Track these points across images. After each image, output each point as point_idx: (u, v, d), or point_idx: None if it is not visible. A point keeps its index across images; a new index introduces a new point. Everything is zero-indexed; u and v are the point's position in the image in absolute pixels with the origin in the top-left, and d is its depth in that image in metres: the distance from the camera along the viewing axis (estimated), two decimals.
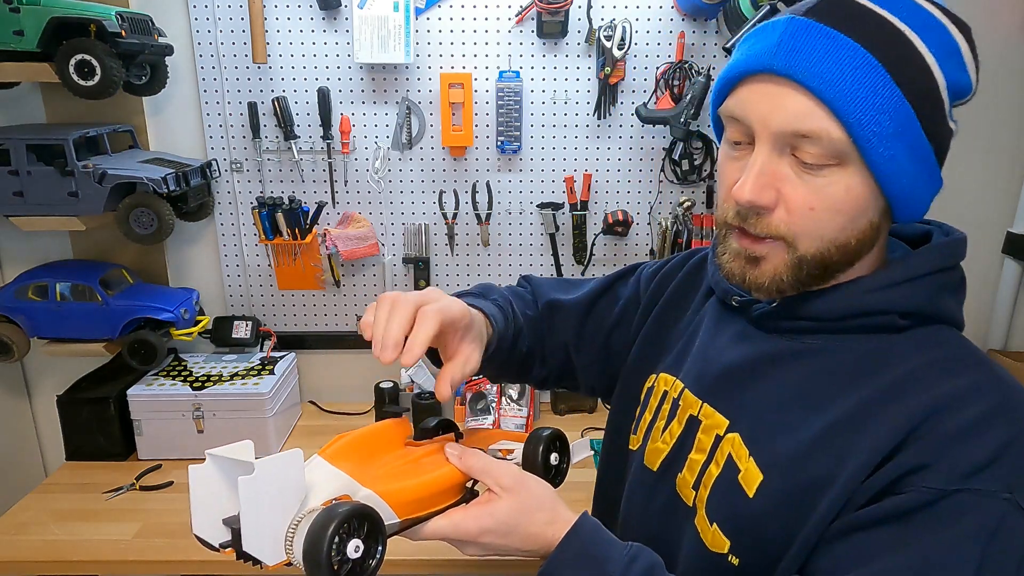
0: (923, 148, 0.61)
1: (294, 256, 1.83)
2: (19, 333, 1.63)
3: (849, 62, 0.57)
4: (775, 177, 0.61)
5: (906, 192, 0.61)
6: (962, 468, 0.55)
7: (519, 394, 1.82)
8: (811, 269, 0.63)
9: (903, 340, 0.64)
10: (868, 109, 0.57)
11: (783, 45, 0.59)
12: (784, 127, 0.59)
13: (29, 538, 1.39)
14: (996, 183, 1.82)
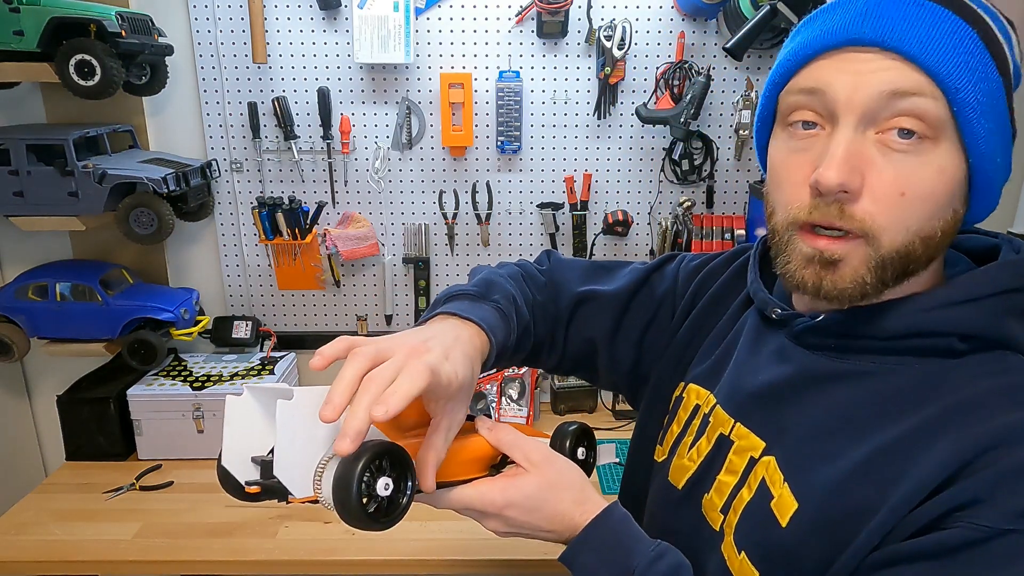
0: (1007, 128, 0.57)
1: (294, 256, 1.83)
2: (19, 333, 1.63)
3: (945, 27, 0.53)
4: (862, 159, 0.55)
5: (992, 176, 0.56)
6: (1019, 506, 0.49)
7: (519, 394, 1.82)
8: (894, 268, 0.57)
9: (961, 366, 0.57)
10: (969, 76, 0.53)
11: (870, 13, 0.54)
12: (882, 87, 0.53)
13: (29, 538, 1.39)
14: None
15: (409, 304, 1.88)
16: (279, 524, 1.43)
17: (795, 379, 0.64)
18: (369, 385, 0.54)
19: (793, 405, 0.63)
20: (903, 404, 0.58)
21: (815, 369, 0.63)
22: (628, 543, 0.63)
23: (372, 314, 1.90)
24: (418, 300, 1.87)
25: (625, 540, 0.63)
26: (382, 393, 0.54)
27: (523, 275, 0.87)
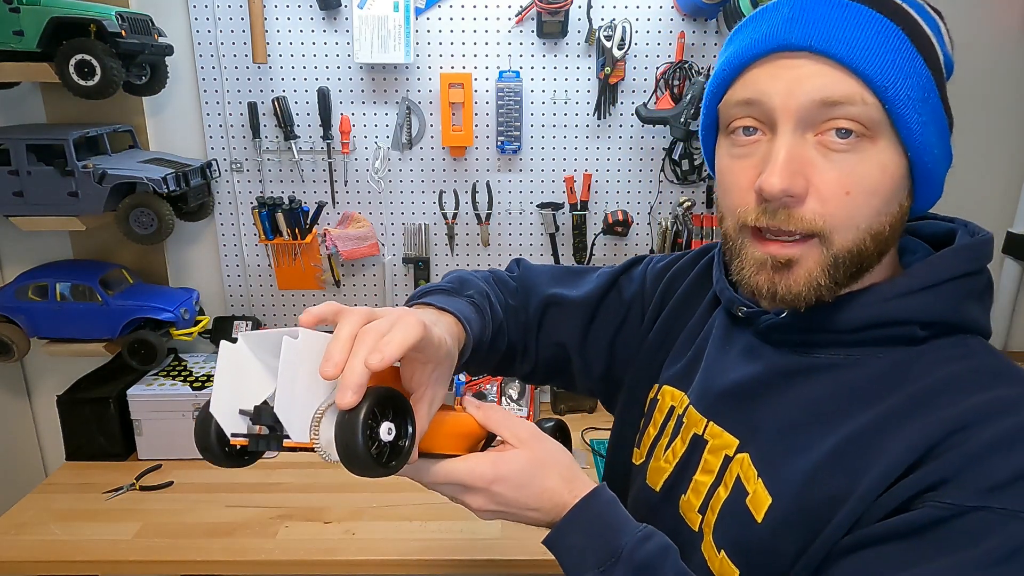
0: (943, 119, 0.58)
1: (294, 256, 1.83)
2: (19, 333, 1.63)
3: (870, 27, 0.54)
4: (804, 163, 0.56)
5: (932, 168, 0.58)
6: (983, 484, 0.50)
7: (519, 394, 1.82)
8: (848, 266, 0.58)
9: (924, 352, 0.59)
10: (898, 72, 0.54)
11: (796, 19, 0.55)
12: (812, 96, 0.54)
13: (29, 538, 1.39)
14: (996, 183, 1.83)
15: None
16: (279, 524, 1.43)
17: (764, 376, 0.65)
18: (365, 337, 0.53)
19: (763, 402, 0.64)
20: (870, 394, 0.58)
21: (782, 365, 0.64)
22: (616, 524, 0.62)
23: None
24: None
25: (612, 521, 0.62)
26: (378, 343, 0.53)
27: (494, 279, 0.88)
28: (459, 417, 0.65)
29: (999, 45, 1.73)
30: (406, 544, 1.37)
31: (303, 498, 1.51)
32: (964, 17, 1.71)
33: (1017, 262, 1.83)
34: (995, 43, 1.72)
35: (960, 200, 1.82)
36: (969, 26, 1.71)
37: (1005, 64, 1.74)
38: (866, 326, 0.59)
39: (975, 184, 1.82)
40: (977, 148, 1.80)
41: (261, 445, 0.55)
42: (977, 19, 1.71)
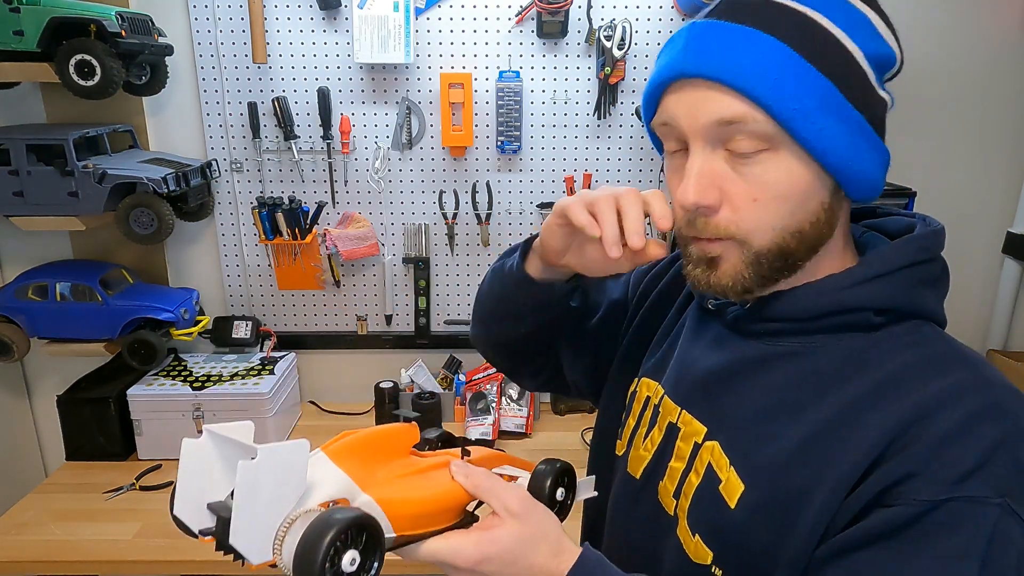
0: (853, 118, 0.60)
1: (294, 256, 1.83)
2: (19, 333, 1.63)
3: (753, 49, 0.57)
4: (715, 176, 0.60)
5: (848, 165, 0.60)
6: (950, 475, 0.52)
7: (519, 394, 1.82)
8: (772, 262, 0.61)
9: (880, 339, 0.62)
10: (782, 87, 0.57)
11: (689, 49, 0.60)
12: (709, 118, 0.59)
13: (29, 538, 1.39)
14: (996, 183, 1.83)
15: (409, 304, 1.88)
16: None
17: (731, 365, 0.68)
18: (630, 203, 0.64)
19: (730, 390, 0.67)
20: (831, 380, 0.61)
21: (748, 354, 0.67)
22: None
23: (372, 314, 1.90)
24: (418, 300, 1.87)
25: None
26: None
27: None
28: (444, 491, 0.62)
29: (999, 45, 1.73)
30: None
31: None
32: (964, 17, 1.71)
33: (1017, 262, 1.83)
34: (995, 43, 1.72)
35: (960, 200, 1.83)
36: (969, 26, 1.72)
37: (1005, 64, 1.74)
38: (823, 314, 0.63)
39: (975, 184, 1.82)
40: (977, 148, 1.80)
41: (228, 551, 0.53)
42: (977, 19, 1.71)
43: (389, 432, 0.64)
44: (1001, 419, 0.54)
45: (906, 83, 1.98)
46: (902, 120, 1.78)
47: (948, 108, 1.77)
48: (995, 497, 0.51)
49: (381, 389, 1.75)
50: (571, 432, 1.79)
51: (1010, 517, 0.51)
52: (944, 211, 1.86)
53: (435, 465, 0.64)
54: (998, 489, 0.52)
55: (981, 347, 1.90)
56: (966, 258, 1.87)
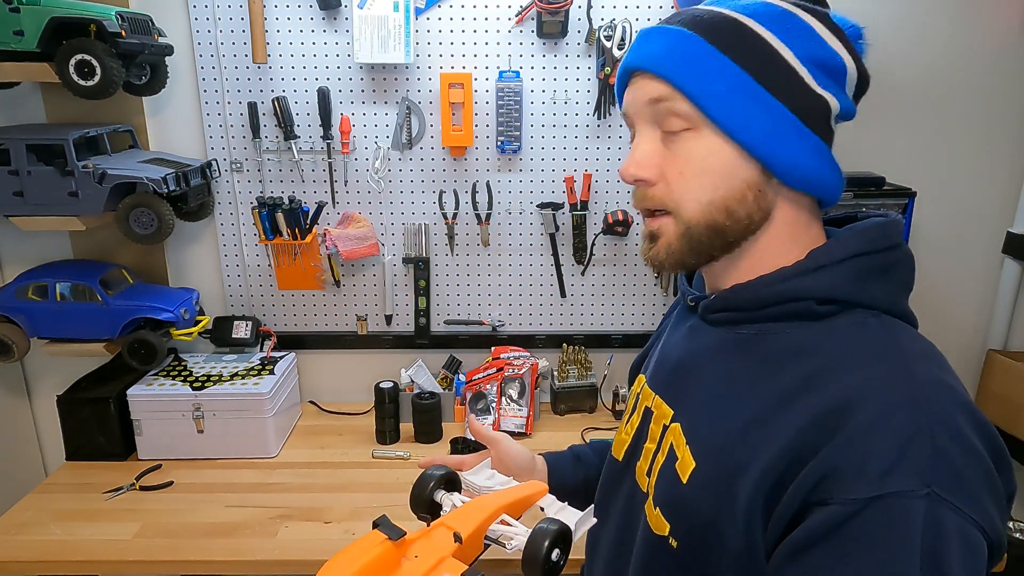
0: (773, 106, 0.65)
1: (294, 256, 1.83)
2: (19, 333, 1.63)
3: (677, 44, 0.67)
4: (653, 154, 0.69)
5: (768, 148, 0.65)
6: (874, 470, 0.55)
7: (519, 394, 1.82)
8: (703, 235, 0.68)
9: (823, 328, 0.66)
10: (694, 73, 0.65)
11: (633, 48, 0.71)
12: (643, 100, 0.69)
13: (29, 538, 1.39)
14: (996, 183, 1.83)
15: (409, 304, 1.88)
16: (279, 524, 1.43)
17: (699, 351, 0.75)
18: None
19: (694, 375, 0.74)
20: (774, 366, 0.66)
21: (714, 342, 0.73)
22: None
23: (372, 314, 1.90)
24: (418, 300, 1.87)
25: None
26: None
27: None
28: None
29: (999, 45, 1.73)
30: None
31: (303, 498, 1.51)
32: (964, 17, 1.71)
33: (1017, 262, 1.83)
34: (995, 43, 1.73)
35: (960, 200, 1.83)
36: (969, 26, 1.72)
37: (1005, 64, 1.74)
38: (769, 303, 0.68)
39: (975, 184, 1.82)
40: (977, 148, 1.80)
41: None
42: (977, 19, 1.71)
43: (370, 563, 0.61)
44: (916, 410, 0.56)
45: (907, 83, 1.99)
46: (903, 120, 1.78)
47: (948, 108, 1.77)
48: (921, 488, 0.53)
49: (381, 389, 1.75)
50: (571, 432, 1.79)
51: (939, 504, 0.53)
52: (944, 211, 1.87)
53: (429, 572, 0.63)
54: (923, 479, 0.54)
55: (981, 347, 1.90)
56: (966, 258, 1.87)
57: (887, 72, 1.73)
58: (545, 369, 1.87)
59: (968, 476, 0.55)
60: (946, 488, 0.54)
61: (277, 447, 1.70)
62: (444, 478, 0.72)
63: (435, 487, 0.72)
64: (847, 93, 0.70)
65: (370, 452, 1.70)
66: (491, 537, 0.69)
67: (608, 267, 1.86)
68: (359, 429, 1.80)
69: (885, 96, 1.75)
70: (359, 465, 1.65)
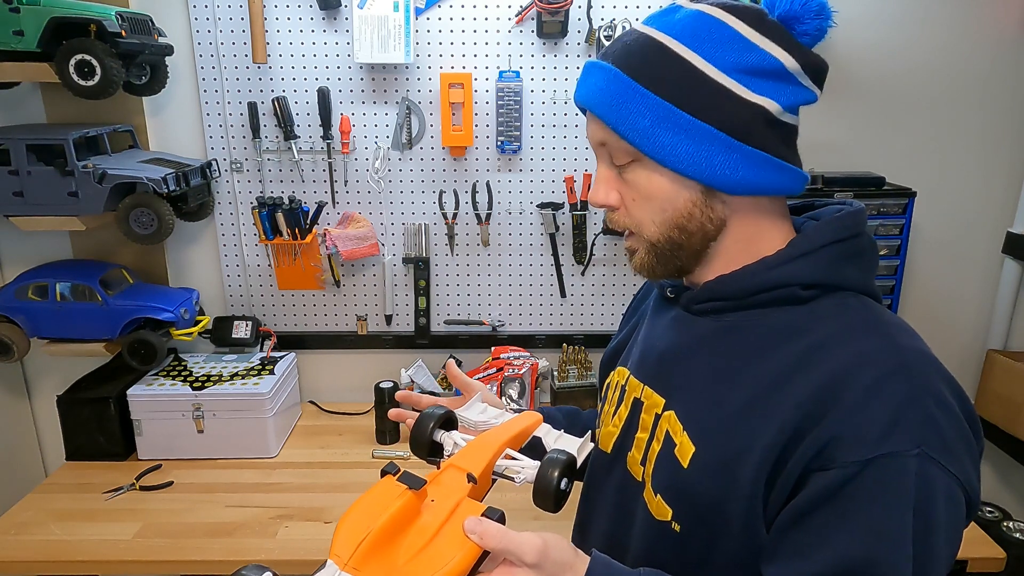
0: (699, 130, 0.68)
1: (294, 256, 1.83)
2: (19, 333, 1.63)
3: (607, 84, 0.70)
4: (611, 181, 0.74)
5: (701, 169, 0.68)
6: (871, 434, 0.60)
7: (519, 394, 1.82)
8: (665, 249, 0.73)
9: (808, 311, 0.70)
10: (623, 112, 0.69)
11: (579, 83, 0.75)
12: (593, 139, 0.74)
13: (29, 538, 1.39)
14: (996, 183, 1.83)
15: (409, 304, 1.88)
16: (279, 524, 1.43)
17: (684, 341, 0.77)
18: None
19: (684, 363, 0.76)
20: (765, 349, 0.69)
21: (700, 331, 0.76)
22: None
23: (372, 314, 1.90)
24: (418, 300, 1.87)
25: None
26: None
27: None
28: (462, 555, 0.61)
29: (999, 45, 1.73)
30: None
31: (303, 498, 1.51)
32: (964, 17, 1.71)
33: (1017, 262, 1.83)
34: (995, 43, 1.73)
35: (960, 200, 1.83)
36: (969, 26, 1.72)
37: (1005, 64, 1.74)
38: (757, 291, 0.71)
39: (975, 184, 1.82)
40: (977, 148, 1.80)
41: None
42: (977, 19, 1.71)
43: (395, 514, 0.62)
44: (907, 378, 0.62)
45: (907, 83, 1.99)
46: (903, 120, 1.78)
47: (948, 108, 1.77)
48: (913, 448, 0.59)
49: (381, 389, 1.75)
50: None
51: (929, 463, 0.59)
52: (944, 211, 1.87)
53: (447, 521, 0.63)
54: (914, 441, 0.59)
55: (981, 347, 1.90)
56: (966, 258, 1.87)
57: (887, 72, 1.73)
58: (545, 369, 1.87)
59: (951, 438, 0.61)
60: (934, 448, 0.59)
61: (277, 447, 1.70)
62: (442, 418, 0.76)
63: (434, 427, 0.75)
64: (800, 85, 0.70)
65: (370, 452, 1.70)
66: (498, 472, 0.72)
67: (608, 267, 1.86)
68: (359, 429, 1.80)
69: (885, 96, 1.75)
70: (359, 465, 1.65)
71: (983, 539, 1.42)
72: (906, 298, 1.84)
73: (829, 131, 1.76)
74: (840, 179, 1.65)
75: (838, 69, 1.75)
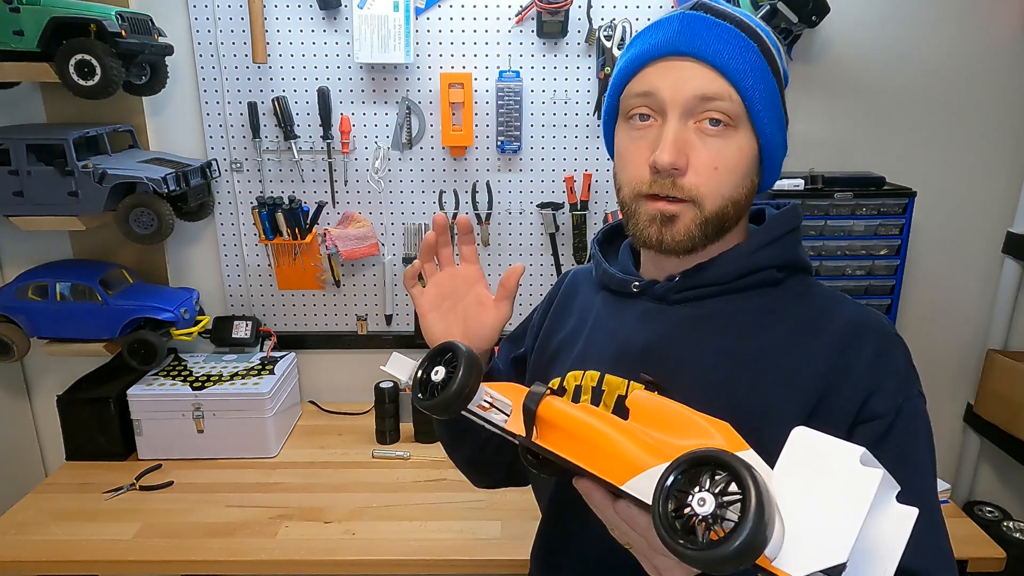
0: (781, 115, 0.75)
1: (294, 256, 1.83)
2: (19, 333, 1.63)
3: (735, 42, 0.71)
4: (686, 143, 0.71)
5: (773, 152, 0.75)
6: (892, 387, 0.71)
7: None
8: (714, 225, 0.74)
9: (783, 291, 0.77)
10: (754, 78, 0.71)
11: (683, 32, 0.71)
12: (695, 92, 0.70)
13: (29, 538, 1.39)
14: (996, 183, 1.82)
15: (409, 304, 1.88)
16: (279, 524, 1.43)
17: (669, 331, 0.78)
18: None
19: (676, 351, 0.77)
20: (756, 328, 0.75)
21: (684, 318, 0.78)
22: None
23: (372, 314, 1.90)
24: None
25: None
26: None
27: None
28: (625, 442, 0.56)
29: (999, 45, 1.73)
30: (406, 544, 1.37)
31: (303, 498, 1.51)
32: (964, 17, 1.71)
33: (1017, 262, 1.83)
34: (995, 43, 1.72)
35: (960, 200, 1.83)
36: (969, 26, 1.72)
37: (1006, 64, 1.74)
38: (741, 275, 0.76)
39: (975, 184, 1.82)
40: (977, 148, 1.80)
41: None
42: (977, 19, 1.71)
43: None
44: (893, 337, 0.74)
45: (907, 83, 1.98)
46: (902, 120, 1.78)
47: (948, 108, 1.77)
48: (915, 388, 0.72)
49: (381, 389, 1.75)
50: None
51: (922, 398, 0.73)
52: (944, 211, 1.87)
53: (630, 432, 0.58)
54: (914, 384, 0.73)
55: (981, 347, 1.90)
56: (966, 258, 1.87)
57: (887, 72, 1.73)
58: None
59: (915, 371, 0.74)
60: (919, 383, 0.74)
61: (277, 447, 1.70)
62: None
63: None
64: None
65: (370, 452, 1.70)
66: None
67: None
68: (359, 429, 1.80)
69: (885, 96, 1.75)
70: (359, 465, 1.65)
71: (983, 539, 1.42)
72: (906, 298, 1.84)
73: (829, 131, 1.75)
74: (840, 179, 1.65)
75: (838, 69, 1.75)
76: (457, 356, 0.64)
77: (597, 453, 0.57)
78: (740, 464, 0.46)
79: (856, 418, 0.70)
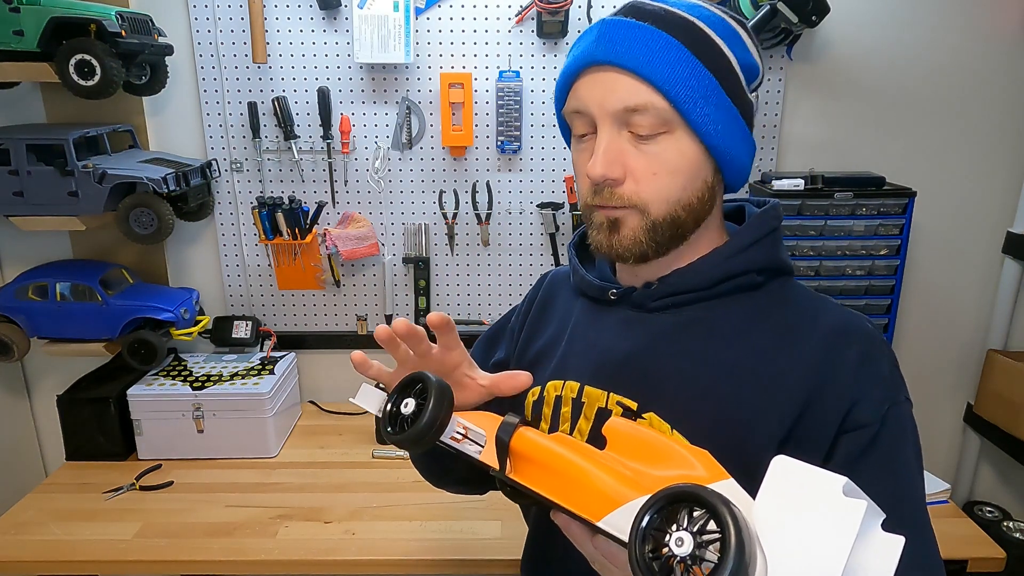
0: (730, 109, 0.71)
1: (294, 256, 1.83)
2: (19, 333, 1.63)
3: (655, 44, 0.68)
4: (620, 153, 0.70)
5: (726, 149, 0.71)
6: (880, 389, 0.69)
7: None
8: (665, 231, 0.72)
9: (764, 294, 0.75)
10: (679, 78, 0.67)
11: (601, 40, 0.70)
12: (617, 105, 0.69)
13: (29, 538, 1.39)
14: (996, 183, 1.82)
15: (409, 304, 1.88)
16: (279, 524, 1.43)
17: (649, 340, 0.76)
18: None
19: (656, 361, 0.75)
20: (737, 334, 0.73)
21: (663, 327, 0.76)
22: None
23: (372, 314, 1.90)
24: (418, 300, 1.87)
25: None
26: None
27: None
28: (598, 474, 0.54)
29: (999, 46, 1.73)
30: (406, 544, 1.37)
31: (303, 498, 1.51)
32: (964, 17, 1.71)
33: (1017, 262, 1.83)
34: (995, 44, 1.72)
35: (960, 200, 1.83)
36: (969, 26, 1.72)
37: (1006, 64, 1.74)
38: (720, 280, 0.74)
39: (975, 184, 1.82)
40: (977, 148, 1.80)
41: None
42: (977, 19, 1.71)
43: None
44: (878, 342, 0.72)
45: (907, 83, 1.98)
46: (902, 120, 1.78)
47: (948, 108, 1.77)
48: (901, 394, 0.70)
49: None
50: None
51: (908, 403, 0.71)
52: (944, 211, 1.87)
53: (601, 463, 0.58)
54: (900, 390, 0.70)
55: (981, 347, 1.90)
56: (966, 258, 1.87)
57: (887, 72, 1.73)
58: None
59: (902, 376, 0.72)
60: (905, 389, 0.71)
61: (277, 447, 1.70)
62: None
63: None
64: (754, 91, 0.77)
65: (370, 452, 1.70)
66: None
67: None
68: (359, 429, 1.80)
69: (885, 96, 1.75)
70: (359, 465, 1.65)
71: (983, 539, 1.42)
72: (906, 298, 1.84)
73: (829, 131, 1.75)
74: (840, 179, 1.65)
75: (838, 69, 1.75)
76: (427, 387, 0.62)
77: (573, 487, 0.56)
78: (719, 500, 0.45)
79: (841, 427, 0.68)
